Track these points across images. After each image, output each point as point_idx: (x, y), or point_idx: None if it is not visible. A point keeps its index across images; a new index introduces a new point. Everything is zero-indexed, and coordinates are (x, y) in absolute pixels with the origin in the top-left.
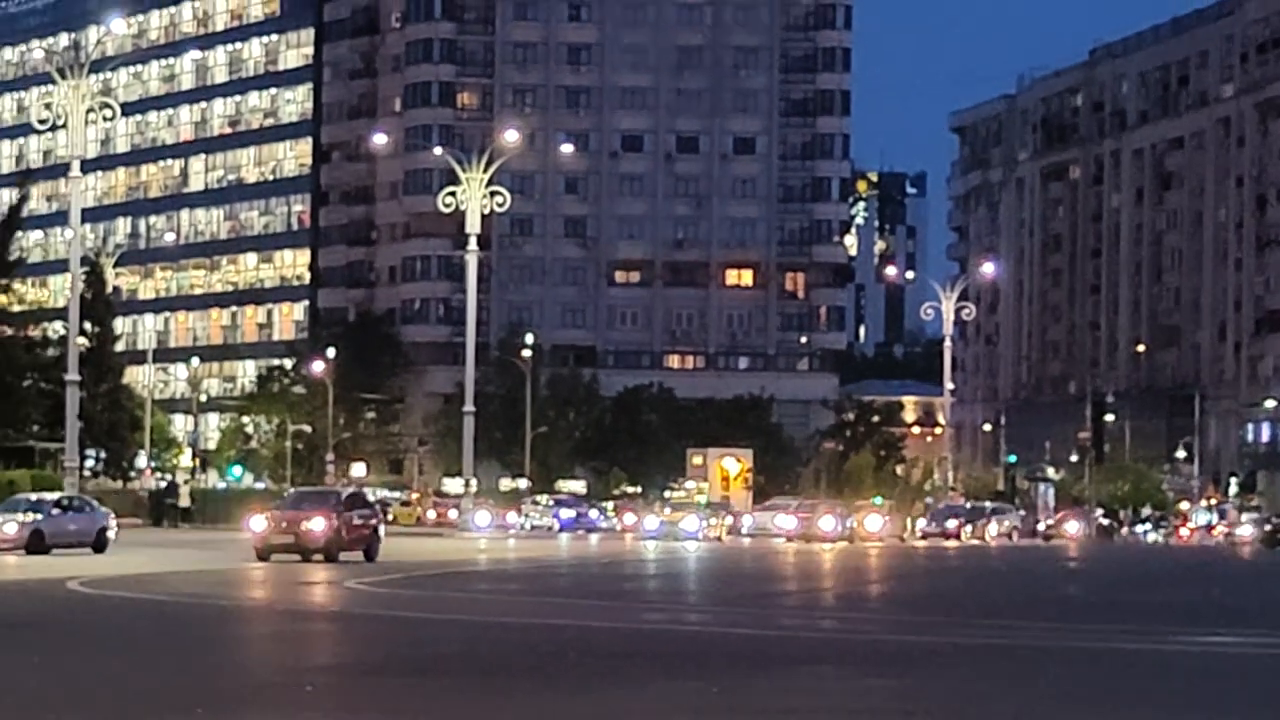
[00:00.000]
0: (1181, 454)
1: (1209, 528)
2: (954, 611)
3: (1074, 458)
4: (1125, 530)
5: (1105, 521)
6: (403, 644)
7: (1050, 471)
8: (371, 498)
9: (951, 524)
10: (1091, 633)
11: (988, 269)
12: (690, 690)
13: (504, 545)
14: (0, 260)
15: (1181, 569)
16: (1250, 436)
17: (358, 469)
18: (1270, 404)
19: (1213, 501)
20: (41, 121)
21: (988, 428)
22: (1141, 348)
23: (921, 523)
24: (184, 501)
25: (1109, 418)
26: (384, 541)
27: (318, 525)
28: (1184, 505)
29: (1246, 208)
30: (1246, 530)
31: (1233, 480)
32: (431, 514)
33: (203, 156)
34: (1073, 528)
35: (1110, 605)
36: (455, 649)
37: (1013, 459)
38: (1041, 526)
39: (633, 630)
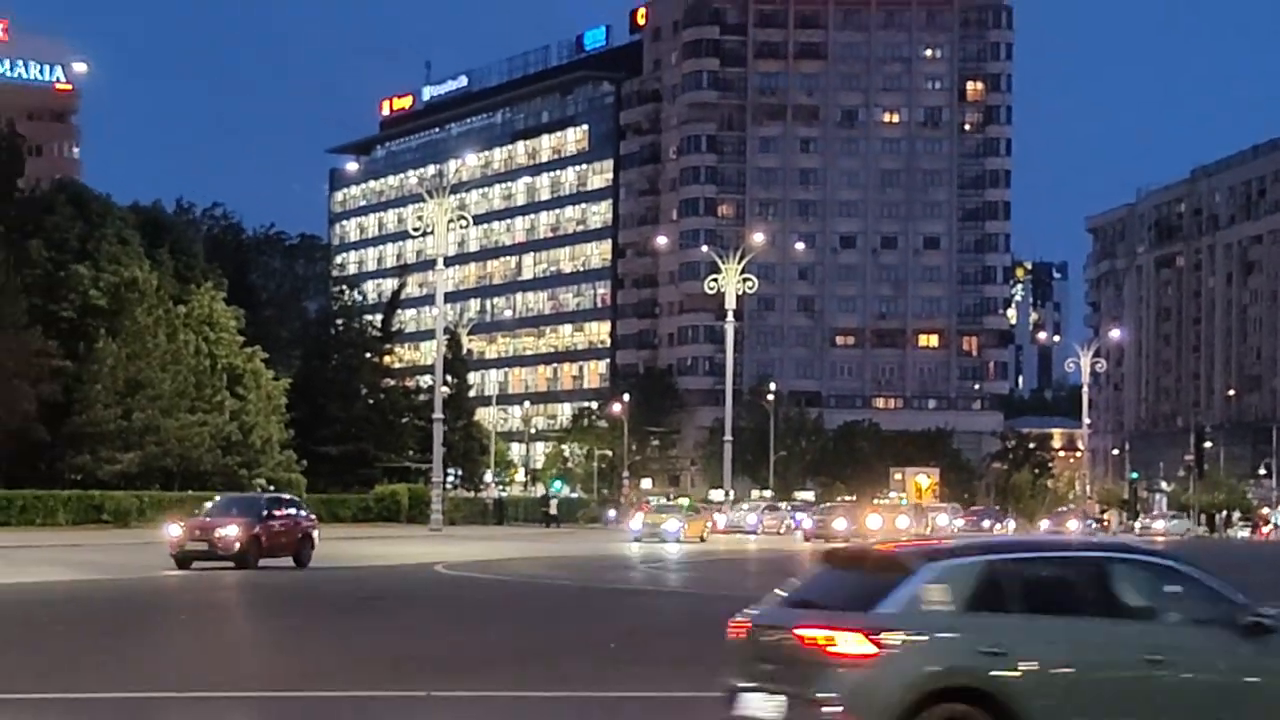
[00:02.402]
0: (1263, 471)
1: None
2: None
3: (1181, 474)
4: (1226, 530)
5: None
6: (685, 612)
7: (1163, 485)
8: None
9: (986, 523)
10: None
11: (1115, 334)
12: None
13: (750, 540)
14: (386, 331)
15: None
16: None
17: (645, 483)
18: None
19: None
20: (415, 230)
21: (1115, 452)
22: (1232, 392)
23: (960, 522)
24: (554, 510)
25: (1207, 444)
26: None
27: (231, 532)
28: (1265, 510)
29: None
30: None
31: None
32: None
33: (532, 254)
34: (1073, 525)
35: None
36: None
37: (1135, 475)
38: (1045, 525)
39: None
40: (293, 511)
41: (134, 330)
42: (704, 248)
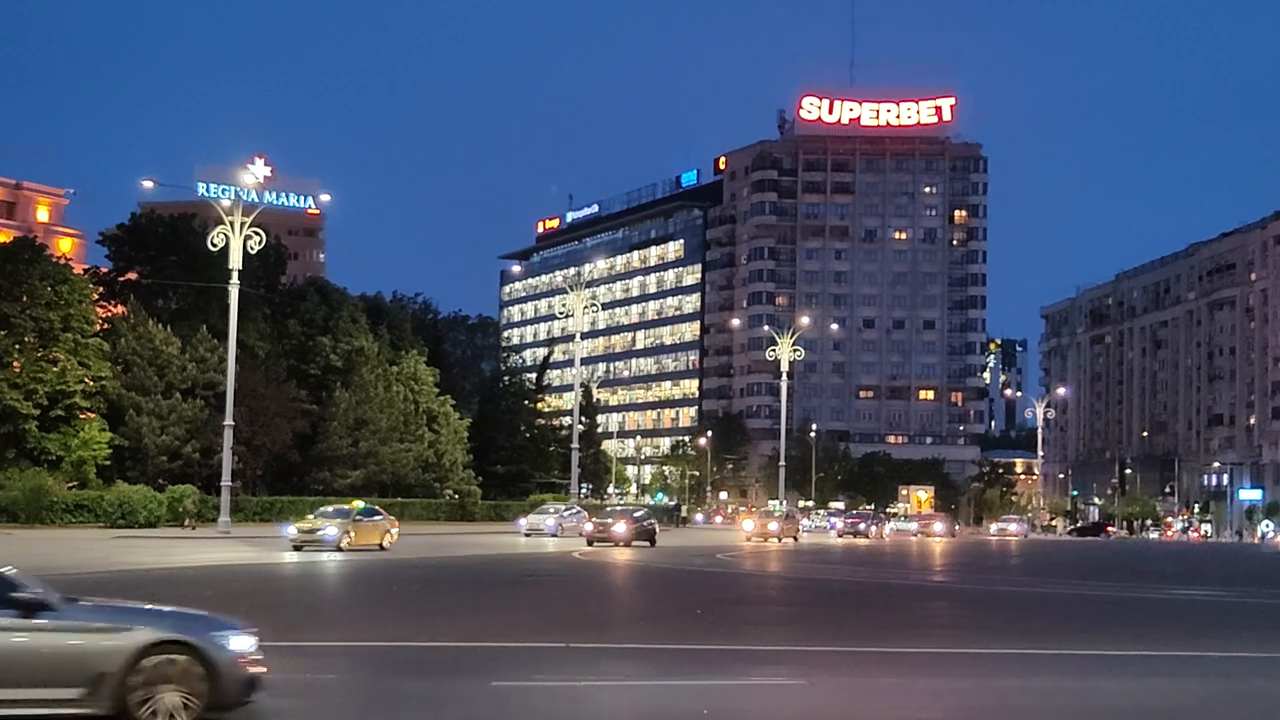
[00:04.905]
0: (1167, 490)
1: (1183, 530)
2: (997, 572)
3: (1109, 492)
4: (1142, 534)
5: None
6: (747, 588)
7: (1096, 500)
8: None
9: (862, 525)
10: (1087, 585)
11: (1061, 391)
12: (890, 611)
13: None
14: (539, 385)
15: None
16: (1206, 482)
17: (722, 495)
18: (1215, 464)
19: (1184, 517)
20: (560, 313)
21: (1062, 476)
22: (1145, 433)
23: (840, 524)
24: (683, 513)
25: (1128, 471)
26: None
27: None
28: (1169, 519)
29: (1202, 359)
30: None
31: (1196, 506)
32: None
33: (642, 331)
34: (939, 527)
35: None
36: (775, 592)
37: (1075, 493)
38: (914, 526)
39: (882, 582)
40: None
41: (361, 384)
42: (765, 328)
